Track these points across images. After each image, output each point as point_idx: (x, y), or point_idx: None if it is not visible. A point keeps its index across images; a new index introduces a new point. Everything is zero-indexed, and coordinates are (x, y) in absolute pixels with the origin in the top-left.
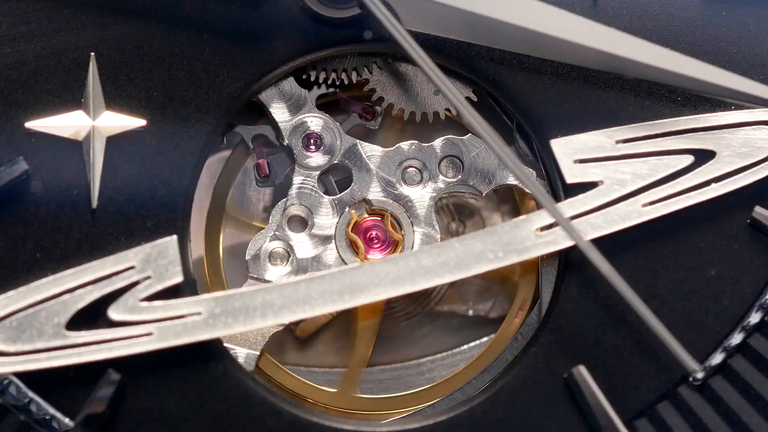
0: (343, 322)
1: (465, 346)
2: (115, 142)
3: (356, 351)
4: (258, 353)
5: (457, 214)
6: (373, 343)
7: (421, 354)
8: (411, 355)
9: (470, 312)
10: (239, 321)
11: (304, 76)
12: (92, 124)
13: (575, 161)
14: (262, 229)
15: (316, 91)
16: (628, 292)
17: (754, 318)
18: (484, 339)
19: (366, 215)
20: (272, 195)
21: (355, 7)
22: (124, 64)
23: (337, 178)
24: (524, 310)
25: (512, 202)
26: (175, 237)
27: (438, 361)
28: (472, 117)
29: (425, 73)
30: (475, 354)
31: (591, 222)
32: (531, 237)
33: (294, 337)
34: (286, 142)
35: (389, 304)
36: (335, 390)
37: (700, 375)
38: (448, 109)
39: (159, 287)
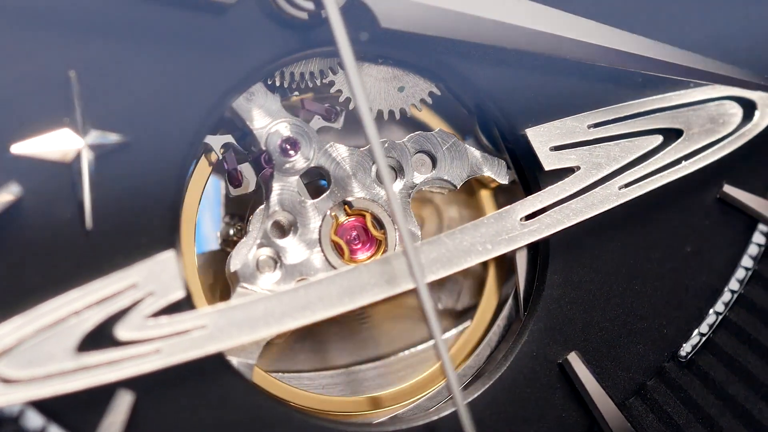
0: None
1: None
2: (103, 160)
3: None
4: (254, 362)
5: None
6: None
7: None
8: (381, 352)
9: (438, 305)
10: (244, 331)
11: (270, 81)
12: (81, 143)
13: (551, 149)
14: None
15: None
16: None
17: (732, 291)
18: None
19: (346, 217)
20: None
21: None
22: (104, 80)
23: (307, 180)
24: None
25: (468, 192)
26: (173, 251)
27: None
28: (364, 115)
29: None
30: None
31: (572, 207)
32: (516, 227)
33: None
34: (263, 148)
35: None
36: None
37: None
38: (414, 105)
39: (163, 303)
